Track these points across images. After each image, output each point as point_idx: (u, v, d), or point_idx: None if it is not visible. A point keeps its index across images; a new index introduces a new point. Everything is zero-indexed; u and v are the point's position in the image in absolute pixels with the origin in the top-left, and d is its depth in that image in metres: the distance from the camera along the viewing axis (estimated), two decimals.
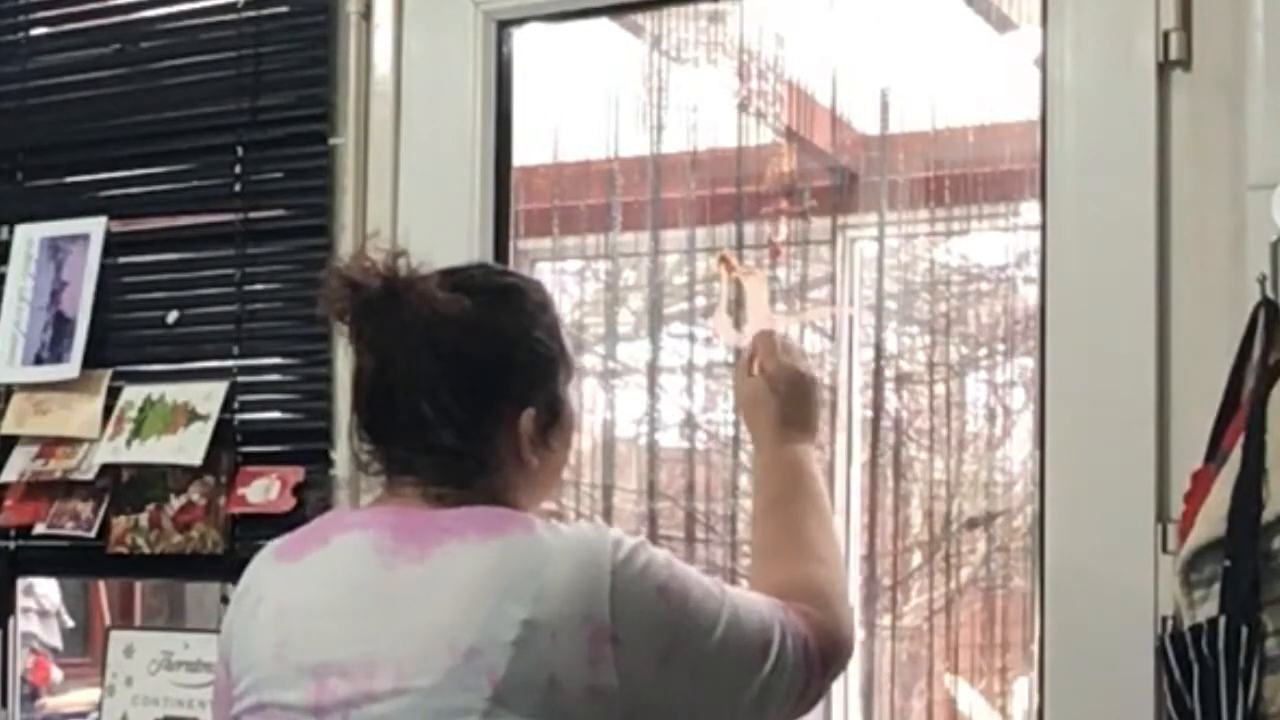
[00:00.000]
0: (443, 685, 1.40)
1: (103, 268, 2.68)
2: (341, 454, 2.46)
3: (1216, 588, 1.66)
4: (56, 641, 4.56)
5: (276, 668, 1.49)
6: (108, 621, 4.06)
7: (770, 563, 1.69)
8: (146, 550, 2.57)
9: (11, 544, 2.70)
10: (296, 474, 2.49)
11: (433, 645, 1.41)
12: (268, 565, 1.59)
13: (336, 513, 1.68)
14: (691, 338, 3.31)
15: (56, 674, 4.43)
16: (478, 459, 1.53)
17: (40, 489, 2.66)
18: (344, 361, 2.47)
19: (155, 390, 2.61)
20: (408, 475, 1.55)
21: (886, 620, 3.22)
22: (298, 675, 1.47)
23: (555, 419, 1.59)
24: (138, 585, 3.97)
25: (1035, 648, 2.15)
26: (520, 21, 2.48)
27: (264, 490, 2.50)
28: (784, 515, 1.73)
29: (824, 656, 1.58)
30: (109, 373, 2.66)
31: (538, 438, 1.56)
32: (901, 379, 3.29)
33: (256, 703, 1.51)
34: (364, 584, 1.48)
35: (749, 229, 3.18)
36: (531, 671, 1.39)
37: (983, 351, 3.26)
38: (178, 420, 2.56)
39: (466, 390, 1.53)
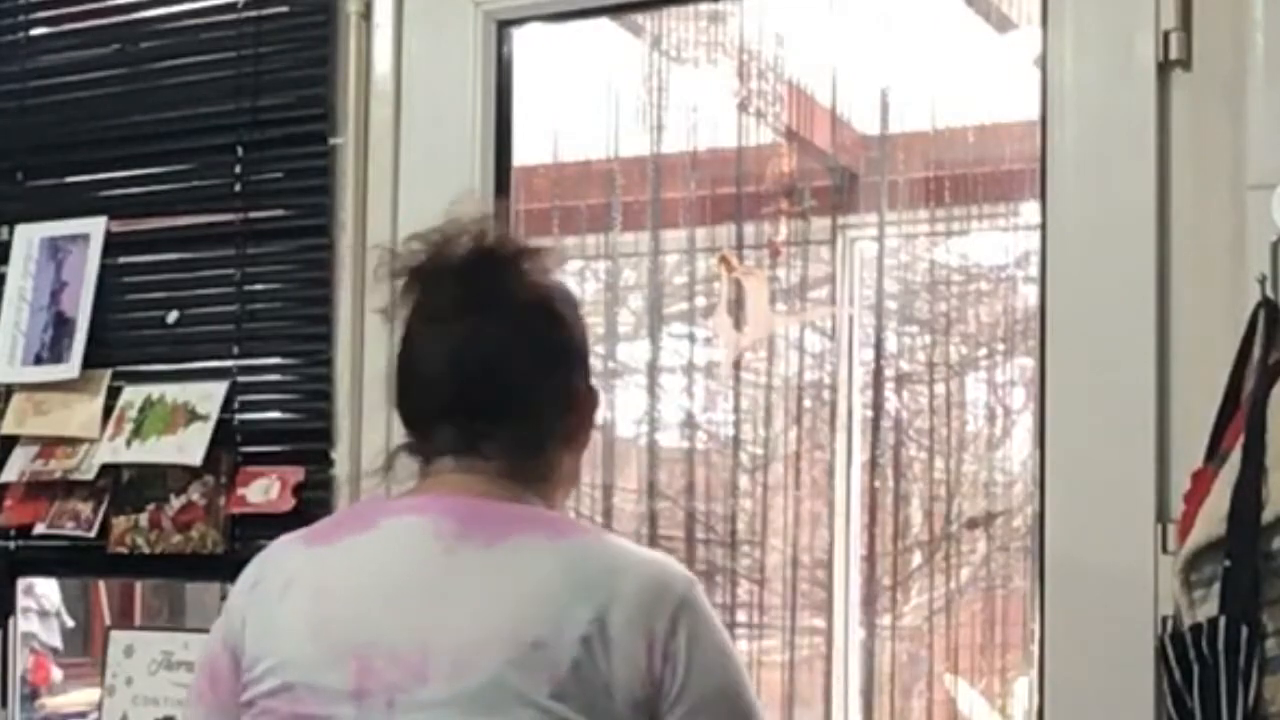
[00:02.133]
0: (503, 675, 1.39)
1: (103, 268, 2.67)
2: (341, 454, 2.46)
3: (1216, 588, 1.66)
4: (56, 641, 4.56)
5: (310, 649, 1.46)
6: (108, 621, 4.06)
7: None
8: (146, 550, 2.56)
9: (11, 544, 2.70)
10: (296, 474, 2.49)
11: (496, 634, 1.40)
12: (293, 551, 1.55)
13: (372, 500, 1.66)
14: (691, 338, 3.32)
15: (56, 674, 4.43)
16: (541, 441, 1.54)
17: (40, 489, 2.66)
18: (344, 361, 2.47)
19: (155, 390, 2.61)
20: (466, 453, 1.53)
21: (886, 620, 3.22)
22: (336, 657, 1.44)
23: (595, 402, 1.63)
24: (138, 585, 3.97)
25: (1035, 648, 2.15)
26: (520, 21, 2.48)
27: (264, 490, 2.50)
28: None
29: None
30: (109, 373, 2.66)
31: (591, 417, 1.60)
32: (901, 379, 3.29)
33: (282, 684, 1.46)
34: (421, 568, 1.46)
35: (749, 229, 3.18)
36: (592, 672, 1.39)
37: (983, 351, 3.27)
38: (178, 420, 2.56)
39: (549, 366, 1.55)
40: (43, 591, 4.28)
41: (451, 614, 1.43)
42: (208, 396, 2.56)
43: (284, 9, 2.59)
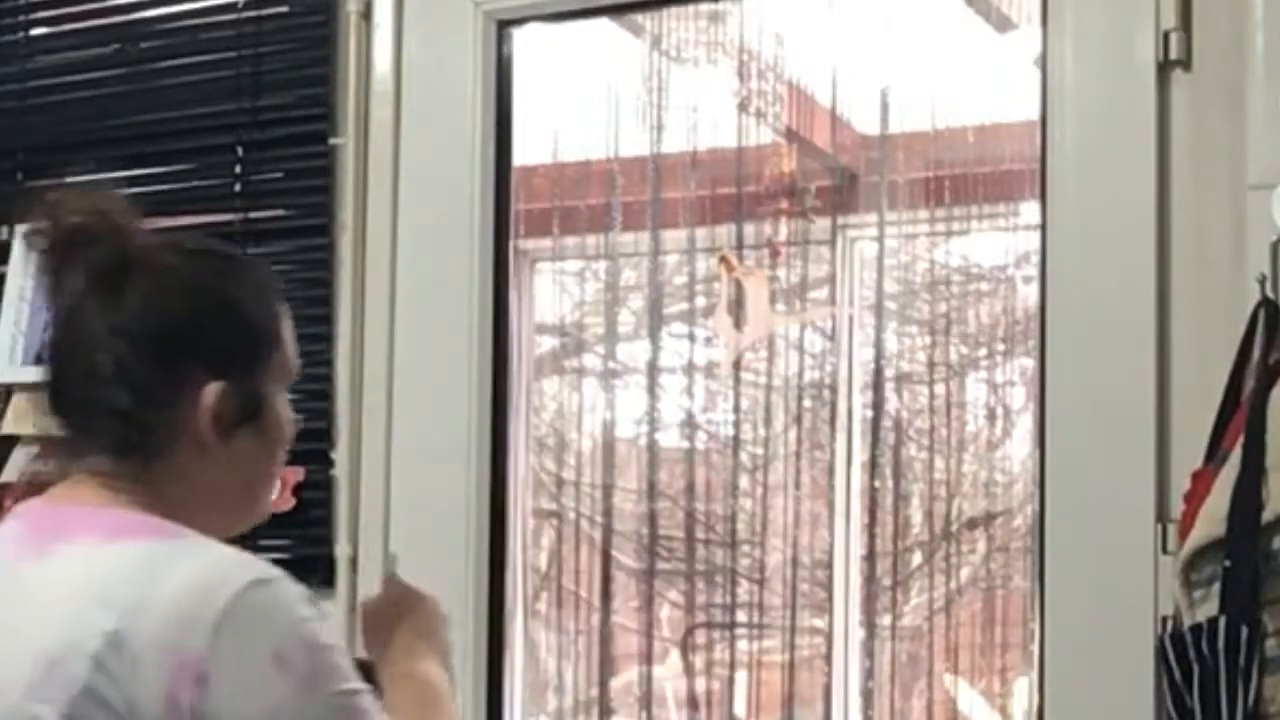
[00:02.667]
0: (23, 700, 1.24)
1: None
2: (341, 454, 2.46)
3: (1216, 588, 1.66)
4: None
5: None
6: None
7: None
8: None
9: None
10: (296, 474, 2.49)
11: (21, 651, 1.26)
12: None
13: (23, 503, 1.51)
14: (691, 338, 3.32)
15: None
16: (148, 426, 1.36)
17: (40, 489, 2.64)
18: (344, 361, 2.48)
19: None
20: (76, 451, 1.40)
21: (886, 620, 3.22)
22: None
23: (252, 413, 1.40)
24: None
25: (1035, 648, 2.15)
26: (520, 21, 2.48)
27: None
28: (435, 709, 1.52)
29: None
30: None
31: (224, 424, 1.38)
32: (901, 379, 3.29)
33: None
34: None
35: (749, 229, 3.18)
36: (108, 691, 1.22)
37: (983, 351, 3.27)
38: None
39: (148, 342, 1.36)
40: None
41: (2, 629, 1.29)
42: None
43: (284, 9, 2.59)
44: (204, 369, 1.37)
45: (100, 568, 1.27)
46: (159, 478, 1.36)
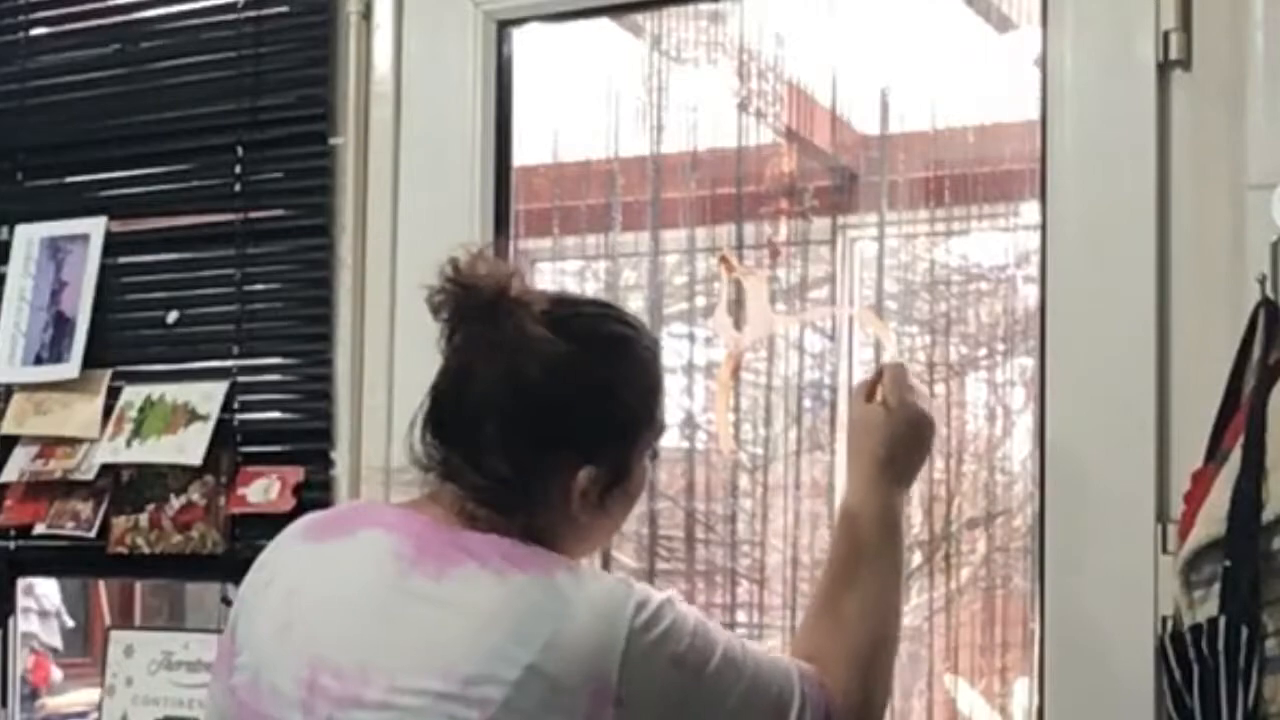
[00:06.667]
0: (431, 709, 1.38)
1: (103, 268, 2.68)
2: (341, 454, 2.46)
3: (1216, 588, 1.66)
4: (56, 641, 4.56)
5: (276, 649, 1.49)
6: (108, 621, 4.06)
7: (824, 621, 1.65)
8: (146, 550, 2.57)
9: (11, 544, 2.70)
10: (296, 474, 2.50)
11: (430, 666, 1.40)
12: (292, 542, 1.58)
13: (372, 504, 1.68)
14: (691, 338, 3.31)
15: (56, 674, 4.43)
16: (525, 493, 1.51)
17: (40, 489, 2.66)
18: (344, 361, 2.48)
19: (155, 390, 2.61)
20: (454, 483, 1.53)
21: None
22: (295, 663, 1.46)
23: (618, 482, 1.56)
24: (138, 585, 3.97)
25: (1035, 648, 2.15)
26: (520, 21, 2.48)
27: (264, 490, 2.50)
28: (856, 574, 1.67)
29: None
30: (109, 373, 2.66)
31: (593, 497, 1.54)
32: None
33: (253, 679, 1.49)
34: (375, 588, 1.46)
35: (749, 229, 3.18)
36: (523, 716, 1.37)
37: (983, 351, 3.26)
38: (178, 420, 2.57)
39: (532, 427, 1.51)
40: (43, 591, 4.29)
41: (393, 640, 1.43)
42: (208, 396, 2.56)
43: (284, 9, 2.59)
44: (577, 453, 1.52)
45: (507, 599, 1.41)
46: (525, 524, 1.50)
